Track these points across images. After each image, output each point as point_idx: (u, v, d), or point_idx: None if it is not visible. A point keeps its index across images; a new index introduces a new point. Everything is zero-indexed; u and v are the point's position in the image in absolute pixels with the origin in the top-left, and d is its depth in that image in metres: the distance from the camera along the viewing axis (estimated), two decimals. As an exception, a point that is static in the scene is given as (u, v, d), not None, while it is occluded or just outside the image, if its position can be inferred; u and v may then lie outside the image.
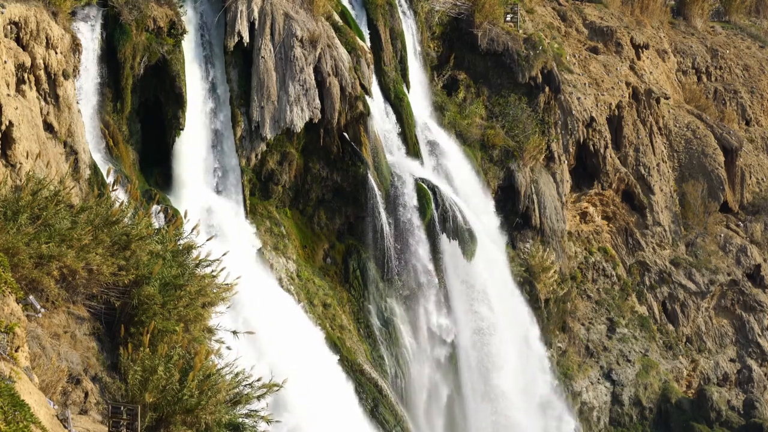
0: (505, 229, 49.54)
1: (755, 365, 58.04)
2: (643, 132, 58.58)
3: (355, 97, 41.08)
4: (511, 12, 54.49)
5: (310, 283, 40.56)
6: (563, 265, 52.40)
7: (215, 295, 22.01)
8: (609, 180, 56.21)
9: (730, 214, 62.24)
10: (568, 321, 53.18)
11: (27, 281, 19.22)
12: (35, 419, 14.43)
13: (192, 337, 21.10)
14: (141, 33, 35.38)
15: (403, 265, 42.74)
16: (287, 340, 35.02)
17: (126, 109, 35.57)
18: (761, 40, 72.97)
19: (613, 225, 57.61)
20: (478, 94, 51.55)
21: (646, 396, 53.76)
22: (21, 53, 28.94)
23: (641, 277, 57.37)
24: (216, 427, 19.08)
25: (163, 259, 21.23)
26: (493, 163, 49.67)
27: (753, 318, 59.09)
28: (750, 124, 67.54)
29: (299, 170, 41.45)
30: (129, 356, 19.18)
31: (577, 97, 54.20)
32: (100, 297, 21.06)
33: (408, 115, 45.36)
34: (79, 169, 31.09)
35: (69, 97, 31.15)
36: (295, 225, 41.68)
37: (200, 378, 18.97)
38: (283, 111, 39.30)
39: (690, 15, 70.02)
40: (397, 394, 41.21)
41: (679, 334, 57.09)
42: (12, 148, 27.07)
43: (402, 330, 42.69)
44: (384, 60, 45.24)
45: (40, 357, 18.47)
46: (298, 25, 39.71)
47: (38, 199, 20.29)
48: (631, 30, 62.33)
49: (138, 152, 36.52)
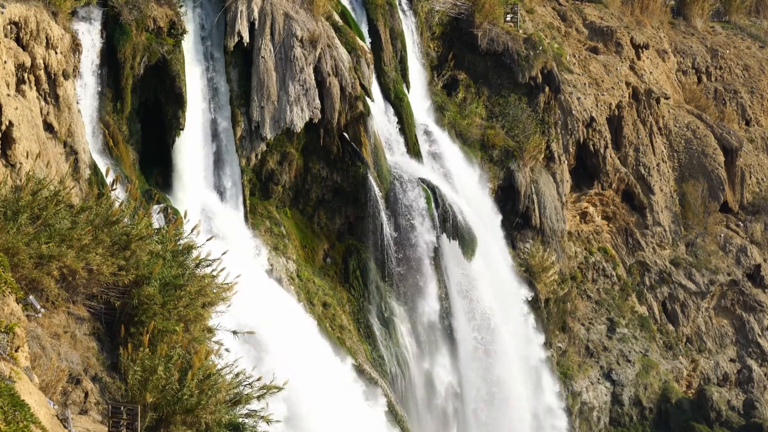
0: (505, 229, 49.53)
1: (755, 365, 58.04)
2: (643, 132, 58.58)
3: (355, 97, 41.08)
4: (511, 12, 54.49)
5: (310, 283, 40.56)
6: (563, 265, 52.41)
7: (215, 295, 22.02)
8: (609, 180, 56.22)
9: (730, 214, 62.23)
10: (568, 321, 53.18)
11: (27, 281, 19.22)
12: (35, 419, 14.43)
13: (192, 337, 21.10)
14: (141, 33, 35.38)
15: (403, 265, 42.74)
16: (287, 339, 35.01)
17: (126, 109, 35.56)
18: (761, 40, 72.96)
19: (613, 225, 57.62)
20: (478, 94, 51.55)
21: (646, 396, 53.77)
22: (21, 53, 28.94)
23: (641, 277, 57.37)
24: (216, 427, 19.08)
25: (163, 259, 21.23)
26: (493, 163, 49.68)
27: (753, 318, 59.09)
28: (750, 124, 67.55)
29: (299, 170, 41.45)
30: (129, 356, 19.18)
31: (577, 97, 54.20)
32: (100, 297, 21.06)
33: (408, 115, 45.37)
34: (79, 169, 31.09)
35: (69, 97, 31.14)
36: (295, 225, 41.68)
37: (200, 378, 18.98)
38: (283, 111, 39.30)
39: (690, 15, 70.02)
40: (397, 394, 41.20)
41: (679, 334, 57.09)
42: (12, 148, 27.07)
43: (402, 330, 42.69)
44: (384, 60, 45.24)
45: (40, 357, 18.47)
46: (298, 25, 39.71)
47: (38, 199, 20.30)
48: (631, 30, 62.33)
49: (138, 152, 36.50)
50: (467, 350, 44.86)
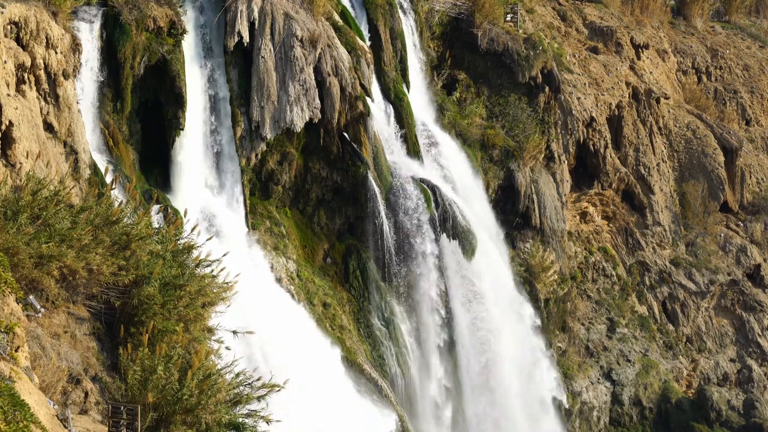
0: (505, 229, 49.53)
1: (755, 365, 58.03)
2: (643, 132, 58.58)
3: (355, 97, 41.08)
4: (511, 12, 54.49)
5: (310, 283, 40.57)
6: (563, 265, 52.40)
7: (215, 295, 22.02)
8: (609, 180, 56.22)
9: (730, 214, 62.22)
10: (568, 321, 53.18)
11: (27, 281, 19.22)
12: (35, 419, 14.43)
13: (192, 337, 21.10)
14: (141, 33, 35.38)
15: (403, 265, 42.76)
16: (286, 339, 35.02)
17: (126, 109, 35.57)
18: (761, 40, 72.95)
19: (613, 225, 57.61)
20: (478, 93, 51.54)
21: (646, 396, 53.76)
22: (21, 53, 28.93)
23: (641, 277, 57.37)
24: (216, 427, 19.08)
25: (163, 259, 21.23)
26: (493, 163, 49.67)
27: (753, 318, 59.08)
28: (750, 124, 67.54)
29: (299, 170, 41.45)
30: (129, 356, 19.19)
31: (577, 97, 54.20)
32: (100, 297, 21.06)
33: (408, 115, 45.36)
34: (79, 169, 31.09)
35: (69, 97, 31.15)
36: (295, 225, 41.69)
37: (200, 378, 18.97)
38: (283, 111, 39.30)
39: (690, 15, 70.01)
40: (397, 394, 41.21)
41: (679, 334, 57.09)
42: (12, 148, 27.06)
43: (402, 330, 42.70)
44: (384, 60, 45.24)
45: (40, 357, 18.47)
46: (298, 25, 39.71)
47: (38, 199, 20.30)
48: (631, 30, 62.33)
49: (138, 152, 36.52)
50: (467, 350, 44.86)
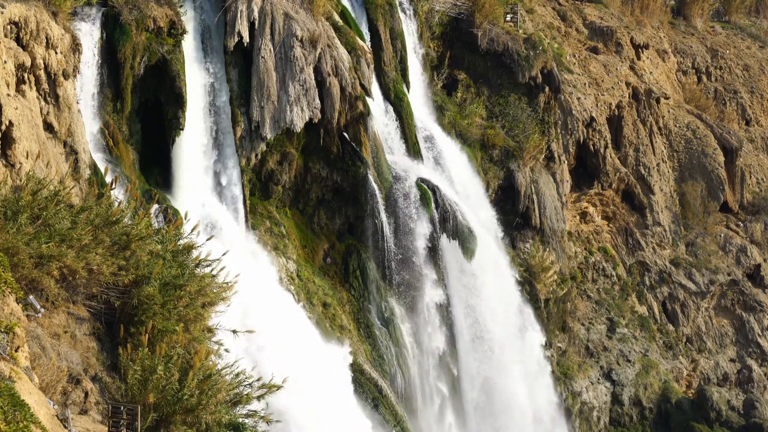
0: (505, 229, 49.52)
1: (755, 365, 58.03)
2: (643, 132, 58.58)
3: (355, 97, 41.08)
4: (511, 12, 54.48)
5: (310, 283, 40.57)
6: (563, 265, 52.40)
7: (215, 294, 22.01)
8: (609, 180, 56.22)
9: (730, 214, 62.22)
10: (568, 321, 53.17)
11: (27, 281, 19.22)
12: (35, 419, 14.43)
13: (192, 337, 21.10)
14: (141, 33, 35.38)
15: (403, 265, 42.75)
16: (286, 339, 35.02)
17: (126, 109, 35.57)
18: (761, 40, 72.95)
19: (613, 225, 57.61)
20: (478, 94, 51.55)
21: (646, 396, 53.76)
22: (21, 53, 28.93)
23: (641, 277, 57.37)
24: (216, 427, 19.07)
25: (163, 259, 21.22)
26: (493, 163, 49.67)
27: (753, 318, 59.08)
28: (750, 124, 67.53)
29: (299, 170, 41.45)
30: (129, 356, 19.18)
31: (577, 97, 54.20)
32: (100, 297, 21.06)
33: (408, 115, 45.36)
34: (79, 169, 31.09)
35: (69, 97, 31.14)
36: (295, 225, 41.69)
37: (200, 378, 18.97)
38: (283, 111, 39.30)
39: (690, 15, 70.00)
40: (397, 394, 41.20)
41: (679, 334, 57.09)
42: (12, 148, 27.06)
43: (402, 330, 42.69)
44: (384, 60, 45.23)
45: (40, 357, 18.47)
46: (298, 25, 39.70)
47: (38, 199, 20.29)
48: (631, 30, 62.33)
49: (138, 152, 36.52)
50: (466, 350, 44.87)
